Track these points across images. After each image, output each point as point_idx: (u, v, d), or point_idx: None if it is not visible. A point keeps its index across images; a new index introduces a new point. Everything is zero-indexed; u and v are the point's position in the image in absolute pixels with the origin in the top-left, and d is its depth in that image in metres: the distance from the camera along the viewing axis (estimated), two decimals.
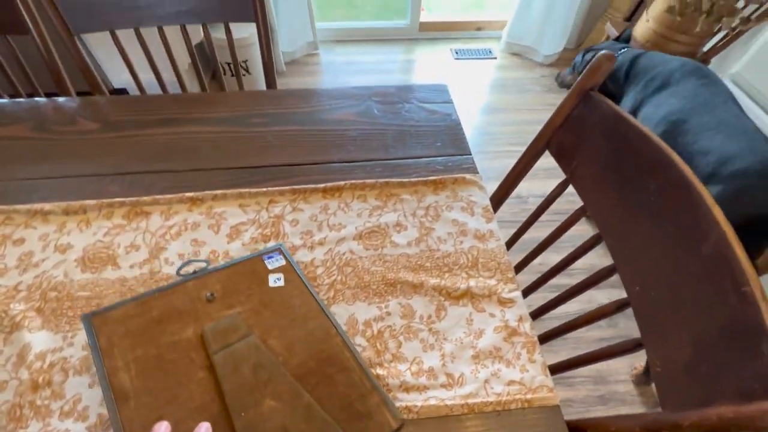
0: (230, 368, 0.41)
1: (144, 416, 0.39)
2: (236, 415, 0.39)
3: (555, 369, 0.50)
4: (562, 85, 1.69)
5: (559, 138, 0.57)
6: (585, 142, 0.53)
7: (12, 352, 0.45)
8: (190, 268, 0.52)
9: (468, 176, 0.64)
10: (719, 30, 1.46)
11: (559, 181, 1.70)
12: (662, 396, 0.37)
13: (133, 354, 0.42)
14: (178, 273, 0.50)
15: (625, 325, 1.33)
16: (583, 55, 1.58)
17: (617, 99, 1.28)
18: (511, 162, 0.65)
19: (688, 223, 0.38)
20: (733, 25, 1.33)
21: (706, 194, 0.36)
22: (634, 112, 1.13)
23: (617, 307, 0.46)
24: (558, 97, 2.11)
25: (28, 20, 0.78)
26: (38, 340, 0.46)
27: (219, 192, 0.60)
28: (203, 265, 0.51)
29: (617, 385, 1.21)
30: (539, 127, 0.61)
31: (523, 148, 0.65)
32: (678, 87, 1.01)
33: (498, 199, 0.68)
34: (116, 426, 0.38)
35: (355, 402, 0.41)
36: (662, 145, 0.41)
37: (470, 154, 0.69)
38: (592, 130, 0.51)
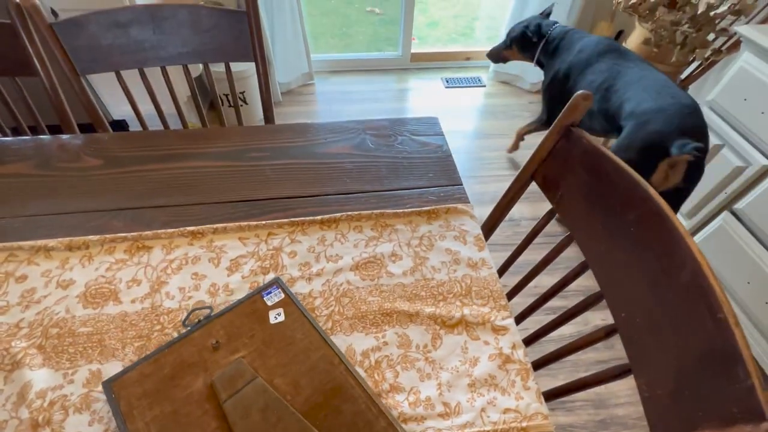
0: (240, 414, 0.42)
1: None
2: None
3: (550, 395, 0.51)
4: (494, 58, 1.76)
5: (544, 170, 0.61)
6: (568, 174, 0.56)
7: (12, 390, 0.45)
8: (196, 316, 0.53)
9: (460, 206, 0.67)
10: (694, 60, 1.55)
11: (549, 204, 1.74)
12: (651, 421, 0.38)
13: (152, 413, 0.43)
14: (184, 324, 0.51)
15: (622, 348, 1.33)
16: (508, 33, 1.71)
17: (548, 63, 1.59)
18: (503, 186, 0.68)
19: (665, 252, 0.41)
20: (706, 55, 1.41)
21: (680, 226, 0.39)
22: (567, 73, 1.46)
23: (606, 333, 0.48)
24: None
25: (36, 63, 0.81)
26: (39, 377, 0.46)
27: (219, 225, 0.62)
28: (207, 311, 0.52)
29: (617, 409, 1.20)
30: (529, 152, 0.64)
31: (512, 172, 0.68)
32: (599, 64, 1.35)
33: (490, 225, 0.71)
34: None
35: (362, 430, 0.41)
36: (637, 178, 0.44)
37: (461, 185, 0.72)
38: (574, 163, 0.55)
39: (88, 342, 0.50)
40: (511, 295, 0.69)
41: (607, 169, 0.49)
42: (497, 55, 1.80)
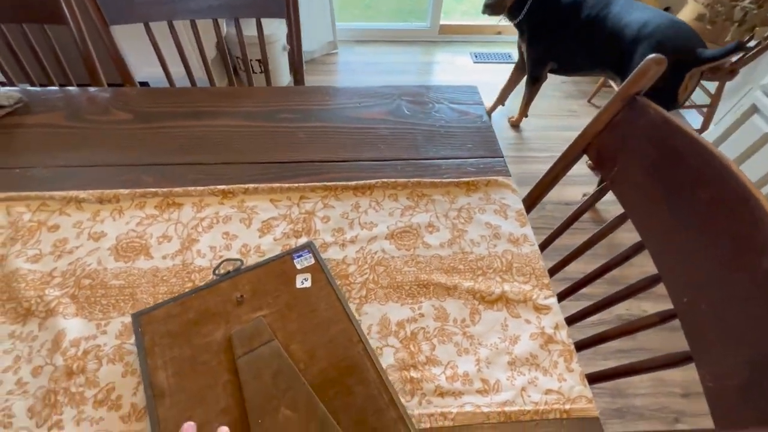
0: (252, 374, 0.41)
1: (177, 415, 0.39)
2: (254, 422, 0.39)
3: (592, 379, 0.49)
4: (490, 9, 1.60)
5: (599, 143, 0.56)
6: (628, 148, 0.51)
7: (47, 337, 0.45)
8: (226, 267, 0.51)
9: (501, 179, 0.63)
10: (750, 40, 1.43)
11: (578, 188, 1.67)
12: (716, 413, 0.36)
13: (171, 353, 0.43)
14: (214, 273, 0.50)
15: (644, 337, 1.30)
16: None
17: (529, 20, 1.50)
18: (532, 167, 0.64)
19: (744, 235, 0.37)
20: (766, 34, 1.30)
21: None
22: (553, 20, 1.42)
23: (662, 318, 0.45)
24: (577, 104, 2.09)
25: (66, 10, 0.79)
26: (72, 327, 0.46)
27: (250, 186, 0.60)
28: (237, 264, 0.51)
29: (635, 399, 1.18)
30: (559, 133, 0.59)
31: (543, 154, 0.64)
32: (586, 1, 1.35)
33: (528, 204, 0.67)
34: (153, 422, 0.39)
35: (370, 417, 0.40)
36: (719, 154, 0.39)
37: (502, 157, 0.68)
38: (637, 136, 0.50)
39: (120, 295, 0.49)
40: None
41: (676, 142, 0.45)
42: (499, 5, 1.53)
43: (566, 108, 2.10)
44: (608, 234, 0.56)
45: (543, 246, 0.69)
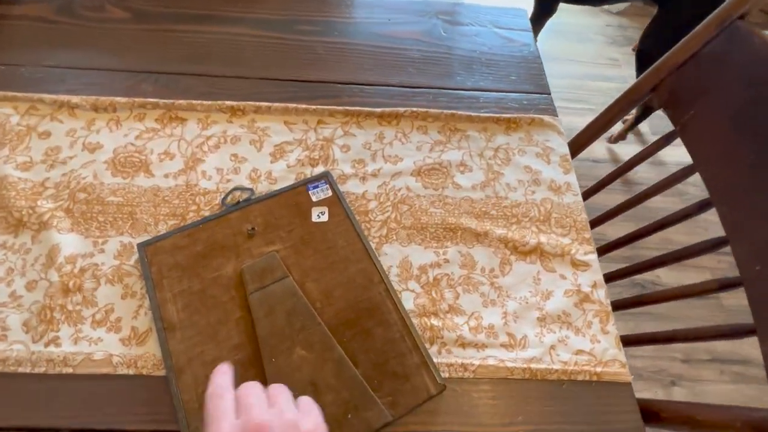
0: (265, 311, 0.38)
1: (189, 350, 0.37)
2: (267, 360, 0.36)
3: (626, 342, 0.45)
4: None
5: (675, 81, 0.47)
6: (713, 88, 0.43)
7: (41, 251, 0.42)
8: (235, 196, 0.46)
9: (546, 118, 0.55)
10: None
11: (604, 144, 1.54)
12: None
13: (180, 286, 0.40)
14: (223, 202, 0.45)
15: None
16: None
17: None
18: (563, 120, 0.55)
19: None
20: None
21: None
22: None
23: (721, 285, 0.40)
24: (620, 52, 1.88)
25: None
26: (68, 242, 0.42)
27: (263, 104, 0.53)
28: (248, 194, 0.46)
29: (634, 360, 1.18)
30: (597, 84, 0.50)
31: (576, 106, 0.55)
32: None
33: (574, 150, 0.59)
34: (166, 355, 0.36)
35: (391, 360, 0.37)
36: None
37: (549, 93, 0.59)
38: (728, 73, 0.41)
39: (119, 213, 0.45)
40: None
41: None
42: None
43: (607, 56, 1.90)
44: (665, 188, 0.49)
45: None
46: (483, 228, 0.46)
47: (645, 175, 1.47)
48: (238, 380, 0.35)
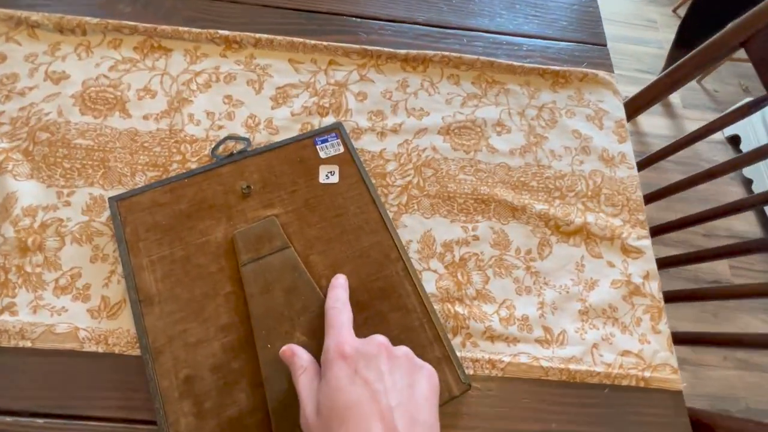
0: (260, 287, 0.32)
1: (169, 327, 0.31)
2: (261, 345, 0.30)
3: (680, 340, 0.40)
4: None
5: None
6: None
7: None
8: (228, 147, 0.39)
9: (601, 74, 0.46)
10: None
11: (652, 118, 1.42)
12: None
13: (159, 252, 0.33)
14: (213, 153, 0.38)
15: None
16: None
17: None
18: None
19: None
20: None
21: None
22: None
23: None
24: (659, 13, 1.71)
25: None
26: (26, 190, 0.35)
27: (264, 37, 0.44)
28: (243, 145, 0.38)
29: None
30: (632, 48, 0.41)
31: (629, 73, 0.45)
32: None
33: (632, 111, 0.51)
34: (141, 333, 0.30)
35: None
36: None
37: (605, 45, 0.50)
38: None
39: (88, 159, 0.37)
40: None
41: None
42: None
43: (644, 16, 1.73)
44: (735, 168, 0.41)
45: None
46: (520, 201, 0.39)
47: (684, 153, 1.38)
48: (225, 368, 0.30)
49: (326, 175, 0.38)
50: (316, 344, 0.30)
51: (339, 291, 0.30)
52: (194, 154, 0.38)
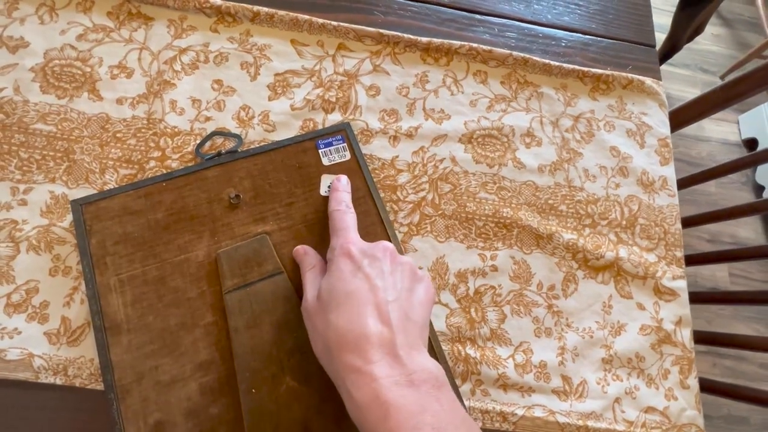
0: (246, 319, 0.28)
1: (138, 362, 0.27)
2: (244, 389, 0.26)
3: (705, 388, 0.37)
4: None
5: None
6: None
7: None
8: (215, 145, 0.33)
9: (648, 81, 0.41)
10: None
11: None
12: None
13: (130, 269, 0.28)
14: (197, 151, 0.32)
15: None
16: None
17: None
18: None
19: None
20: None
21: None
22: None
23: None
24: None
25: None
26: None
27: (263, 10, 0.37)
28: (234, 143, 0.33)
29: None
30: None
31: None
32: None
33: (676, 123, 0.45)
34: (106, 368, 0.26)
35: None
36: None
37: (654, 46, 0.44)
38: None
39: (49, 148, 0.32)
40: None
41: None
42: None
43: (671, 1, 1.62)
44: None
45: None
46: (547, 229, 0.34)
47: (698, 153, 1.33)
48: (201, 414, 0.26)
49: (328, 187, 0.33)
50: (309, 392, 0.27)
51: (342, 194, 0.29)
52: (176, 149, 0.33)
